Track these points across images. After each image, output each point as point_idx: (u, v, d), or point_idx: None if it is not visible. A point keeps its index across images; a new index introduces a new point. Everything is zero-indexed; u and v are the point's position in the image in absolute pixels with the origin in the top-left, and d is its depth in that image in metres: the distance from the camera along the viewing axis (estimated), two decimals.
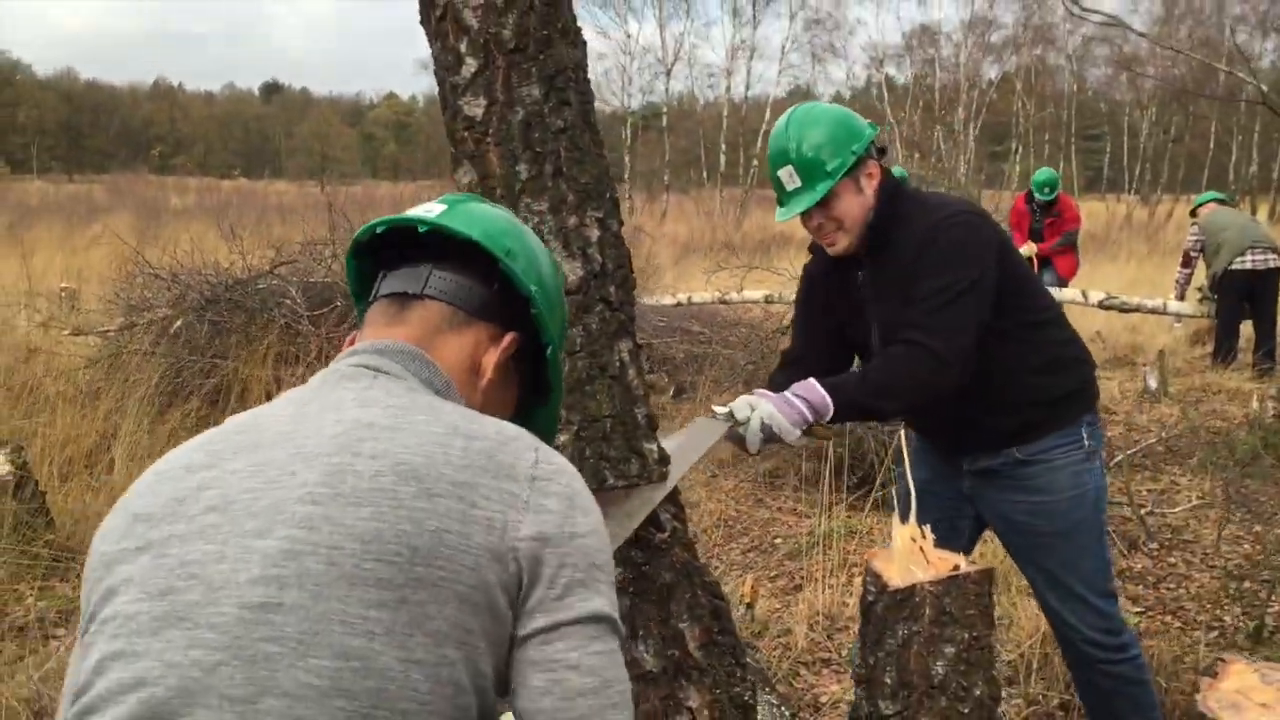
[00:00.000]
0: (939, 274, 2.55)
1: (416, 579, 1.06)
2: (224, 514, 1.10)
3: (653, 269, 14.50)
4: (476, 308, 1.37)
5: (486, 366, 1.36)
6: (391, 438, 1.15)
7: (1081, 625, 2.74)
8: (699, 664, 2.09)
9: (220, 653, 1.02)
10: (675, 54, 40.81)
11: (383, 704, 1.03)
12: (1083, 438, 2.74)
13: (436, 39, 2.16)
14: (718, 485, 5.78)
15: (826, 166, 2.62)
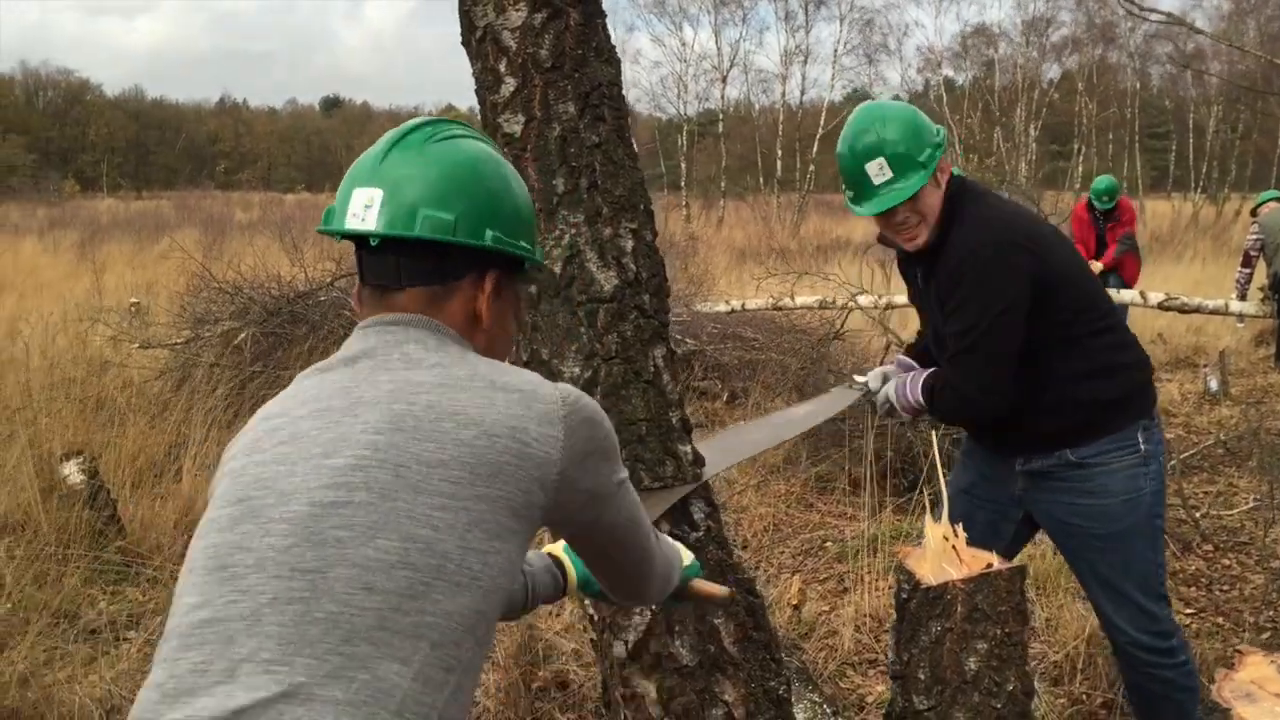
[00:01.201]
0: (963, 314, 2.64)
1: (478, 495, 1.30)
2: (293, 445, 1.31)
3: (708, 276, 14.57)
4: (451, 274, 1.49)
5: (482, 312, 1.51)
6: (442, 392, 1.35)
7: (1130, 628, 2.75)
8: (734, 659, 2.15)
9: (293, 538, 1.23)
10: (730, 60, 40.82)
11: (442, 576, 1.24)
12: (1138, 441, 2.73)
13: (477, 59, 2.26)
14: (769, 489, 5.82)
15: (919, 158, 2.66)
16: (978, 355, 2.64)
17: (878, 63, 43.36)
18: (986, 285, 2.61)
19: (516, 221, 1.54)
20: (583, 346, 2.11)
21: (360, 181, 1.47)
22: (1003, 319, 2.61)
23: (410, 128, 1.54)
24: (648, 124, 44.16)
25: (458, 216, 1.46)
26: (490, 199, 1.51)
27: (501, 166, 1.56)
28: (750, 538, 5.19)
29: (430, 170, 1.47)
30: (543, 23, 2.17)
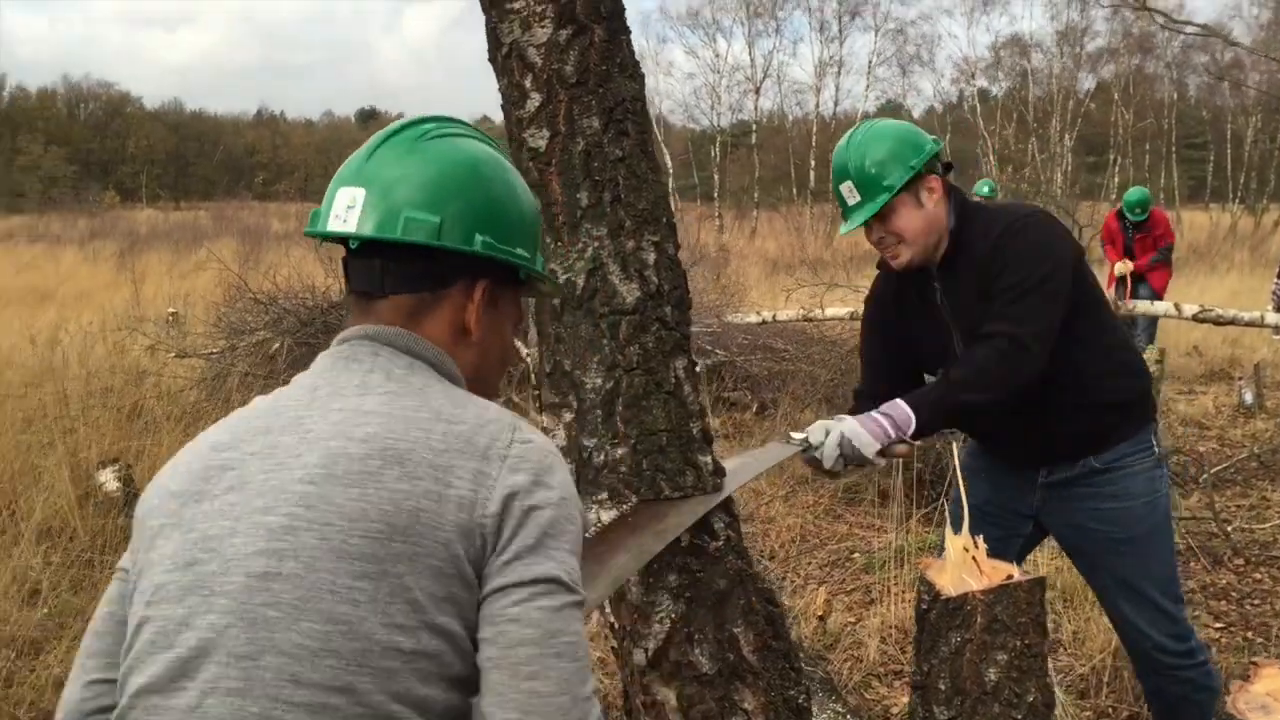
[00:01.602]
0: (1016, 270, 2.61)
1: (395, 554, 1.18)
2: (240, 493, 1.24)
3: (740, 287, 14.58)
4: (439, 282, 1.40)
5: (470, 324, 1.42)
6: (382, 423, 1.26)
7: (1152, 631, 2.76)
8: (754, 667, 2.17)
9: (229, 616, 1.17)
10: (764, 72, 40.89)
11: (368, 662, 1.15)
12: (1152, 444, 2.79)
13: (503, 75, 2.29)
14: (797, 500, 5.83)
15: (884, 181, 2.68)
16: (1037, 298, 2.58)
17: (911, 74, 43.23)
18: (1040, 236, 2.65)
19: (513, 226, 1.44)
20: (604, 358, 2.14)
21: (345, 180, 1.39)
22: (1059, 267, 2.62)
23: (403, 124, 1.45)
24: (681, 135, 44.29)
25: (445, 219, 1.36)
26: (484, 202, 1.41)
27: (500, 168, 1.46)
28: (778, 548, 5.20)
29: (418, 169, 1.38)
30: (568, 39, 2.21)
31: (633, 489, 2.12)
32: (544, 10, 2.21)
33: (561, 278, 2.18)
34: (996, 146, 38.68)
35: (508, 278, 1.46)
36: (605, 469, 2.13)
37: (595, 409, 2.14)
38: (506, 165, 1.50)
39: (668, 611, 2.13)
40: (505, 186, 1.46)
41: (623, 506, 2.12)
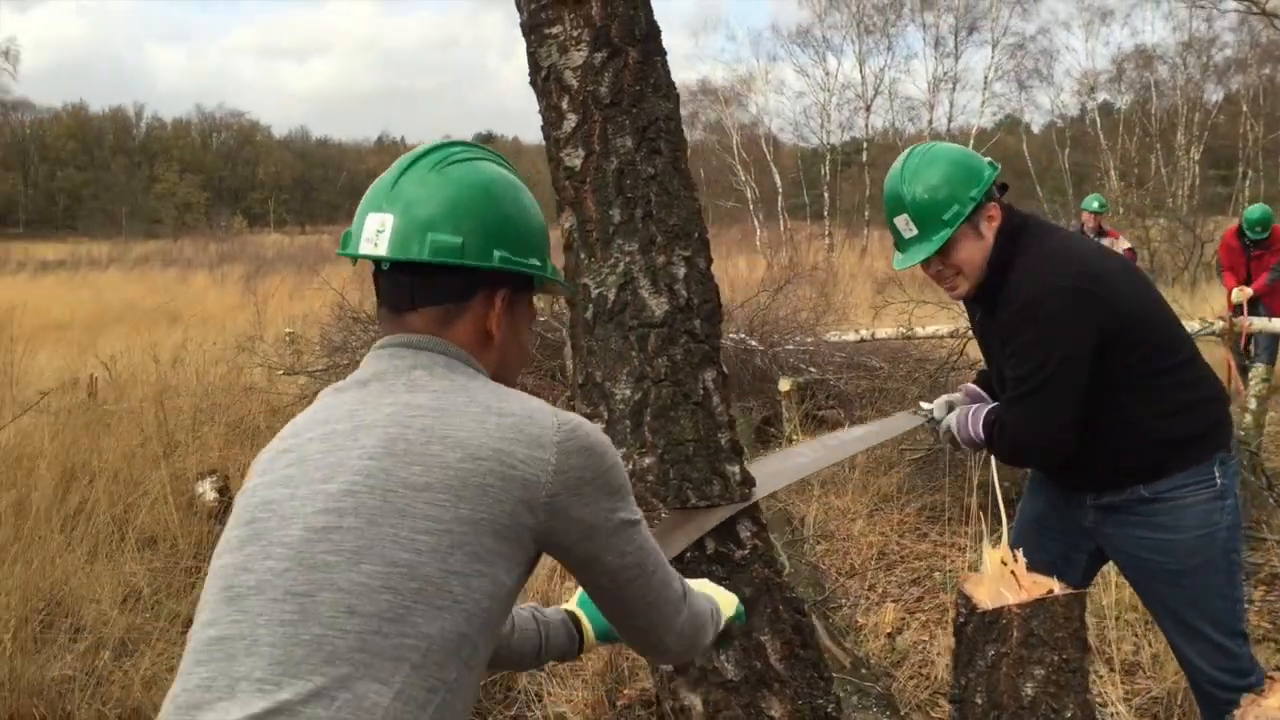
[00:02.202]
0: (1028, 357, 2.57)
1: (460, 517, 1.36)
2: (298, 468, 1.41)
3: (846, 305, 14.49)
4: (463, 294, 1.54)
5: (494, 331, 1.56)
6: (437, 416, 1.41)
7: (1206, 665, 2.67)
8: (780, 675, 2.20)
9: (288, 561, 1.33)
10: (875, 89, 40.53)
11: (422, 599, 1.31)
12: (1214, 476, 2.65)
13: (542, 97, 2.38)
14: (880, 518, 5.79)
15: (944, 215, 2.62)
16: (1037, 401, 2.58)
17: (1029, 88, 42.37)
18: (1049, 330, 2.54)
19: (526, 239, 1.58)
20: (633, 370, 2.20)
21: (373, 207, 1.54)
22: (1065, 365, 2.55)
23: (422, 152, 1.59)
24: (791, 153, 44.13)
25: (465, 238, 1.51)
26: (499, 220, 1.55)
27: (512, 188, 1.61)
28: (858, 565, 5.18)
29: (439, 194, 1.53)
30: (602, 61, 2.28)
31: (660, 498, 2.17)
32: (580, 35, 2.30)
33: (594, 292, 2.25)
34: (1118, 161, 37.63)
35: (523, 285, 1.61)
36: (633, 478, 2.18)
37: (624, 419, 2.21)
38: (518, 184, 1.63)
39: None
40: (517, 205, 1.60)
41: (650, 515, 2.17)
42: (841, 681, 3.33)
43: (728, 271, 19.30)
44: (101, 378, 8.73)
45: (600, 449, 1.48)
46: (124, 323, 14.89)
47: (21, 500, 5.12)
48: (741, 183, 39.24)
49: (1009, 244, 2.67)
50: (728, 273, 18.84)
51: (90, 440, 6.33)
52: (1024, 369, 2.58)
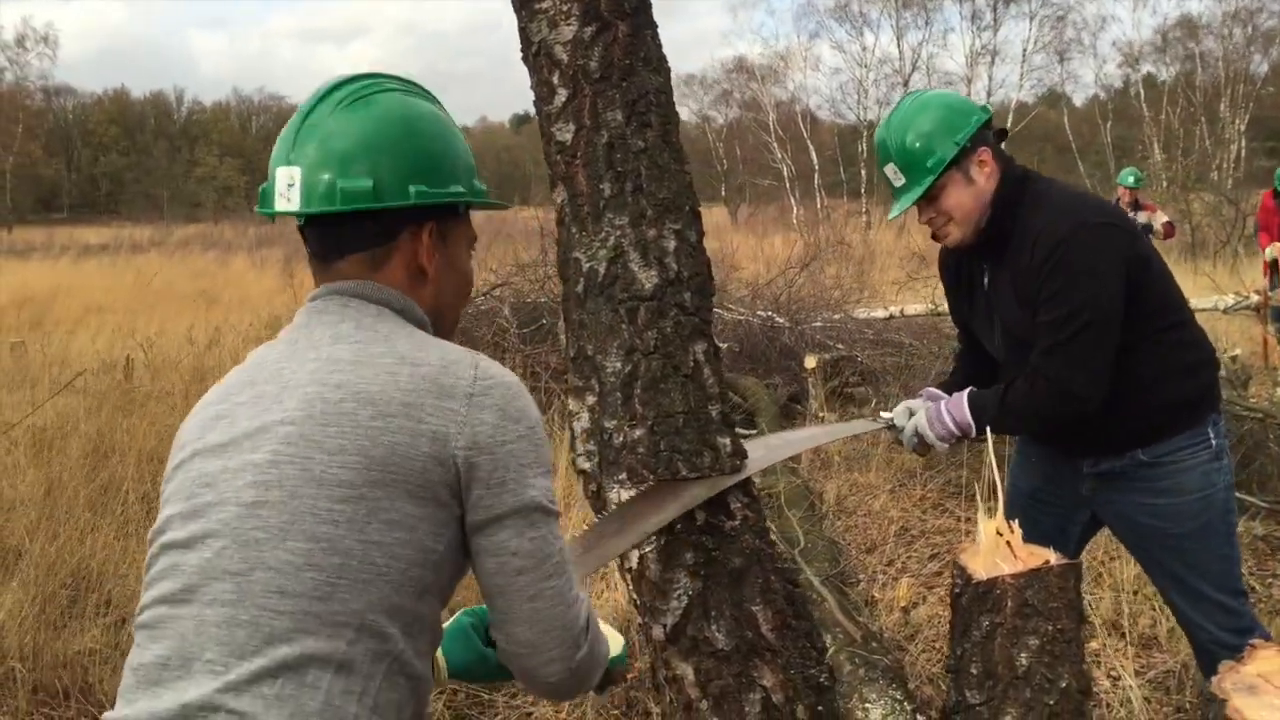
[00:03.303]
0: (1067, 299, 2.52)
1: (372, 481, 1.33)
2: (229, 435, 1.41)
3: (882, 282, 14.43)
4: (387, 235, 1.51)
5: (426, 265, 1.53)
6: (354, 370, 1.39)
7: (1209, 624, 2.68)
8: (772, 645, 2.21)
9: (225, 539, 1.34)
10: (913, 64, 40.15)
11: (345, 574, 1.31)
12: (1209, 437, 2.68)
13: (534, 73, 2.39)
14: (904, 493, 5.78)
15: (927, 162, 2.62)
16: (1083, 342, 2.52)
17: (1069, 60, 41.77)
18: (1088, 266, 2.51)
19: (443, 167, 1.53)
20: (623, 343, 2.21)
21: (280, 159, 1.50)
22: (1108, 302, 2.52)
23: (323, 92, 1.53)
24: (829, 130, 43.82)
25: (377, 179, 1.46)
26: (411, 153, 1.50)
27: (420, 115, 1.54)
28: (878, 540, 5.18)
29: (343, 136, 1.47)
30: (592, 36, 2.29)
31: (650, 469, 2.18)
32: (570, 9, 2.30)
33: (585, 266, 2.26)
34: (1161, 134, 37.06)
35: (451, 213, 1.57)
36: (624, 450, 2.20)
37: (615, 392, 2.22)
38: (427, 112, 1.57)
39: (685, 588, 2.19)
40: (428, 133, 1.55)
41: (641, 487, 2.19)
42: (851, 655, 3.35)
43: (763, 250, 19.24)
44: (138, 359, 8.87)
45: (518, 413, 1.43)
46: (163, 305, 15.08)
47: (53, 479, 5.22)
48: (778, 160, 39.04)
49: (1013, 191, 2.65)
50: (763, 251, 18.78)
51: (124, 420, 6.45)
52: (1062, 312, 2.52)
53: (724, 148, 44.94)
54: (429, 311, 1.56)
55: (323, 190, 1.46)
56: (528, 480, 1.42)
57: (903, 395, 7.02)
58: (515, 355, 6.82)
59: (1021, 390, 2.62)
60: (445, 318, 1.62)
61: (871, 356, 8.16)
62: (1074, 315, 2.51)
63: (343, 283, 1.51)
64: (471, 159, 1.63)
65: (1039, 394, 2.59)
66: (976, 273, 2.79)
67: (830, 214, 32.11)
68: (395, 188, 1.48)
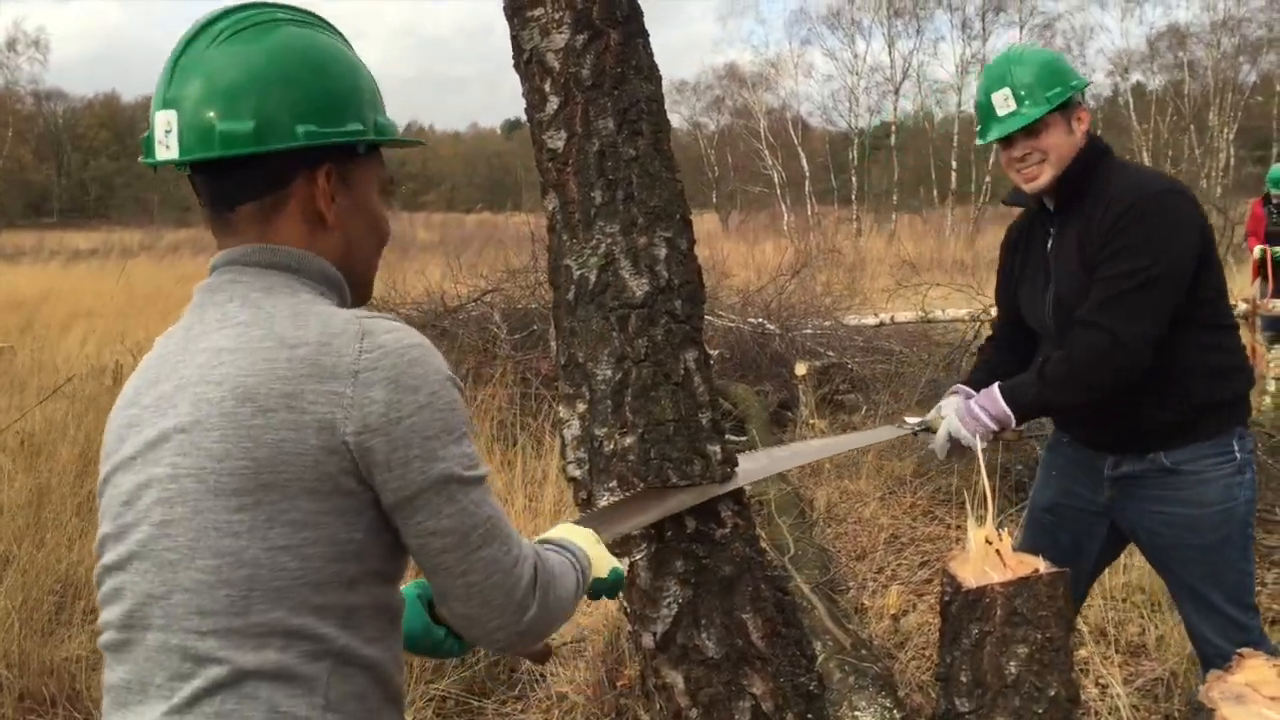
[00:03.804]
0: (1136, 254, 2.52)
1: (265, 484, 1.25)
2: (137, 446, 1.33)
3: (872, 289, 14.45)
4: (278, 181, 1.37)
5: (325, 211, 1.39)
6: (234, 361, 1.29)
7: (1219, 639, 2.66)
8: (762, 653, 2.21)
9: (147, 561, 1.29)
10: (904, 72, 40.24)
11: (257, 585, 1.25)
12: (1234, 450, 2.65)
13: (525, 80, 2.39)
14: (894, 501, 5.79)
15: (1046, 92, 2.63)
16: (1144, 296, 2.51)
17: None
18: (1163, 226, 2.53)
19: (336, 103, 1.38)
20: (614, 350, 2.22)
21: (157, 102, 1.36)
22: (1173, 267, 2.52)
23: (196, 29, 1.38)
24: (820, 138, 43.91)
25: (259, 120, 1.32)
26: (297, 89, 1.35)
27: (302, 48, 1.39)
28: (868, 548, 5.18)
29: (219, 76, 1.33)
30: (584, 44, 2.29)
31: (640, 477, 2.19)
32: (561, 17, 2.30)
33: (576, 273, 2.27)
34: (1150, 143, 37.21)
35: (350, 153, 1.42)
36: (615, 458, 2.21)
37: (605, 399, 2.22)
38: (314, 39, 1.42)
39: (675, 596, 2.19)
40: (317, 64, 1.39)
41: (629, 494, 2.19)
42: (840, 662, 3.35)
43: (754, 256, 19.26)
44: (127, 365, 8.85)
45: (415, 381, 1.28)
46: (153, 310, 15.03)
47: (41, 485, 5.20)
48: (769, 167, 39.10)
49: (1094, 155, 2.68)
50: (754, 258, 18.80)
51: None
52: (1129, 265, 2.51)
53: (715, 154, 45.00)
54: (339, 263, 1.43)
55: (199, 134, 1.32)
56: (435, 454, 1.29)
57: (893, 403, 7.04)
58: (506, 361, 6.81)
59: (1063, 357, 2.60)
60: (358, 268, 1.47)
61: (862, 364, 8.17)
62: (1143, 268, 2.51)
63: (235, 249, 1.39)
64: (374, 93, 1.47)
65: (1088, 348, 2.56)
66: (1040, 236, 2.79)
67: (821, 221, 32.15)
68: (281, 129, 1.33)
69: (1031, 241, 2.83)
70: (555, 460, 5.54)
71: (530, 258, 8.35)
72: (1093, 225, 2.58)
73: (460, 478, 1.31)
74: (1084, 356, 2.56)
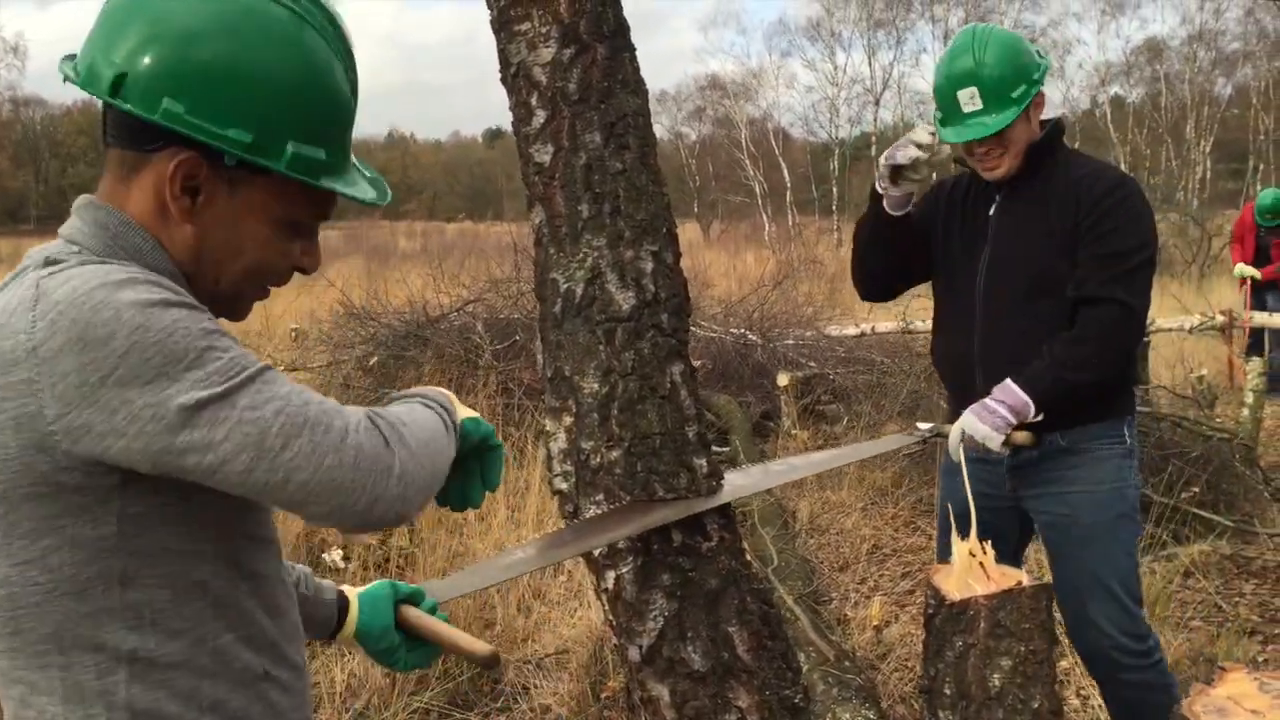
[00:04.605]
0: (1133, 233, 2.65)
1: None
2: None
3: (853, 300, 14.49)
4: (139, 142, 1.20)
5: (169, 204, 1.20)
6: None
7: (1113, 630, 2.73)
8: (748, 666, 2.22)
9: None
10: (884, 83, 40.44)
11: (20, 603, 1.14)
12: (1125, 435, 2.77)
13: (512, 94, 2.40)
14: (875, 512, 5.81)
15: (1013, 93, 2.68)
16: (1145, 273, 2.68)
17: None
18: (1145, 209, 2.71)
19: (228, 96, 1.17)
20: (600, 364, 2.22)
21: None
22: (1155, 246, 2.72)
23: None
24: (801, 148, 44.06)
25: (130, 73, 1.15)
26: (187, 58, 1.16)
27: (245, 26, 1.18)
28: (850, 559, 5.19)
29: (124, 10, 1.19)
30: (570, 58, 2.30)
31: (627, 490, 2.19)
32: (549, 31, 2.31)
33: (562, 287, 2.27)
34: (1128, 155, 37.47)
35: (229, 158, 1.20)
36: (601, 471, 2.21)
37: (592, 413, 2.22)
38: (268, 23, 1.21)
39: (661, 609, 2.19)
40: (232, 45, 1.18)
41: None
42: (824, 674, 3.36)
43: (735, 267, 19.30)
44: None
45: (105, 332, 1.06)
46: None
47: None
48: (750, 178, 39.20)
49: (1049, 138, 2.78)
50: (735, 268, 18.85)
51: None
52: (1126, 243, 2.65)
53: (697, 164, 45.10)
54: (183, 264, 1.23)
55: (85, 56, 1.20)
56: (165, 394, 1.07)
57: (875, 413, 7.06)
58: (489, 371, 6.80)
59: (1076, 337, 2.67)
60: (208, 284, 1.26)
61: (843, 374, 8.19)
62: (1139, 249, 2.65)
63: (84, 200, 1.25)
64: (318, 112, 1.25)
65: (1103, 321, 2.65)
66: (983, 201, 2.85)
67: (802, 231, 32.25)
68: (143, 92, 1.15)
69: (971, 204, 2.89)
70: (538, 470, 5.53)
71: (513, 268, 8.36)
72: (1062, 197, 2.69)
73: (214, 396, 1.09)
74: (1100, 331, 2.64)
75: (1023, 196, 2.75)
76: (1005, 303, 2.76)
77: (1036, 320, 2.71)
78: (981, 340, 2.81)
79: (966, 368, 2.86)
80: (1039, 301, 2.73)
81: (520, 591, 4.29)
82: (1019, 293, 2.74)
